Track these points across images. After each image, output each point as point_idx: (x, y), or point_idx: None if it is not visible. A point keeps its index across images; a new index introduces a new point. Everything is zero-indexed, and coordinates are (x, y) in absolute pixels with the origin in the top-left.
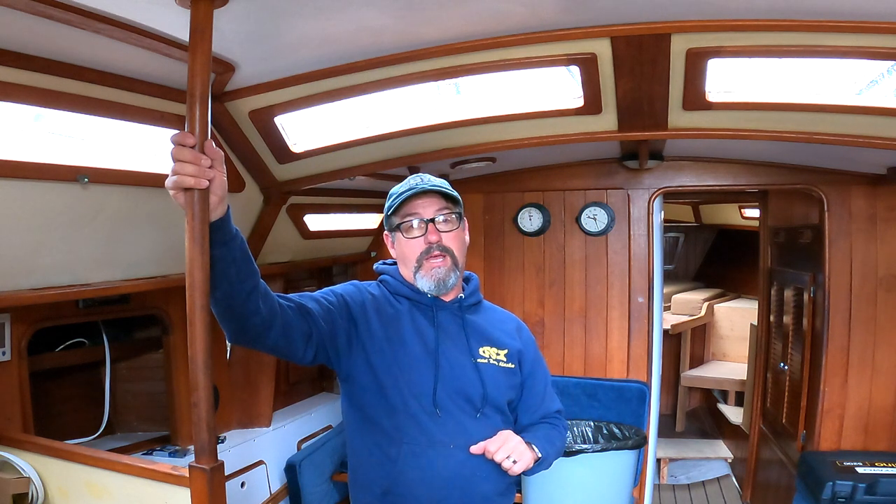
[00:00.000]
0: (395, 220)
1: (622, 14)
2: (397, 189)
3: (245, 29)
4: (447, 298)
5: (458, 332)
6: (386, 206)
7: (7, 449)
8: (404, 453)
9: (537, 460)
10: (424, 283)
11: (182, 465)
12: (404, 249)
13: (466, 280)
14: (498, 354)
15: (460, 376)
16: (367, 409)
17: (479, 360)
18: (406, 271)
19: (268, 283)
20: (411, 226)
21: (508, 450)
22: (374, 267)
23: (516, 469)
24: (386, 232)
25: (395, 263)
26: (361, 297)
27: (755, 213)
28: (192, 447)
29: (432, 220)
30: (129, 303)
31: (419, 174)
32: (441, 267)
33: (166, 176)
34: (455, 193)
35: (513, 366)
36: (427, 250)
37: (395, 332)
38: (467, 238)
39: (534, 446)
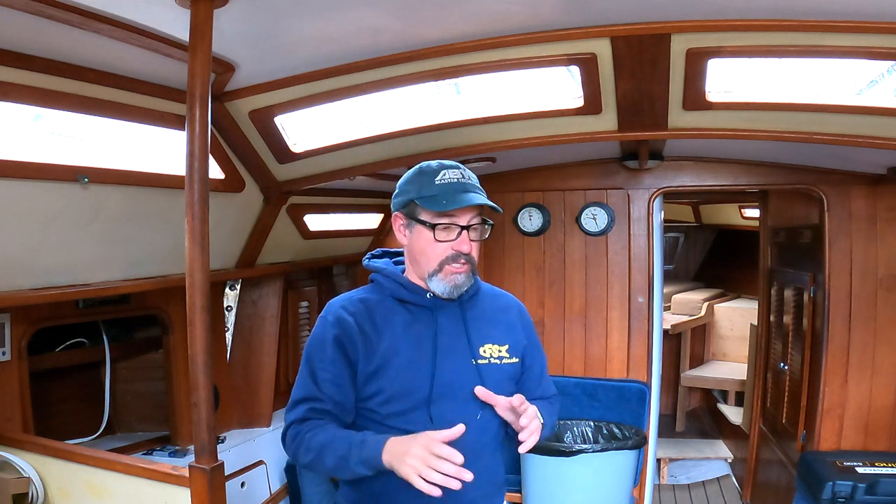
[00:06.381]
0: (425, 216)
1: (622, 14)
2: (431, 171)
3: (245, 29)
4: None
5: (458, 331)
6: (411, 187)
7: (7, 449)
8: None
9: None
10: (440, 287)
11: (182, 465)
12: (426, 248)
13: None
14: (500, 351)
15: (458, 380)
16: (357, 425)
17: (479, 362)
18: (418, 269)
19: (268, 283)
20: (445, 229)
21: (532, 414)
22: (365, 263)
23: (531, 441)
24: (399, 213)
25: (383, 255)
26: (348, 334)
27: (755, 213)
28: (192, 447)
29: (467, 228)
30: (129, 303)
31: (458, 167)
32: (461, 274)
33: (166, 176)
34: (495, 205)
35: (516, 360)
36: (454, 257)
37: (388, 345)
38: None
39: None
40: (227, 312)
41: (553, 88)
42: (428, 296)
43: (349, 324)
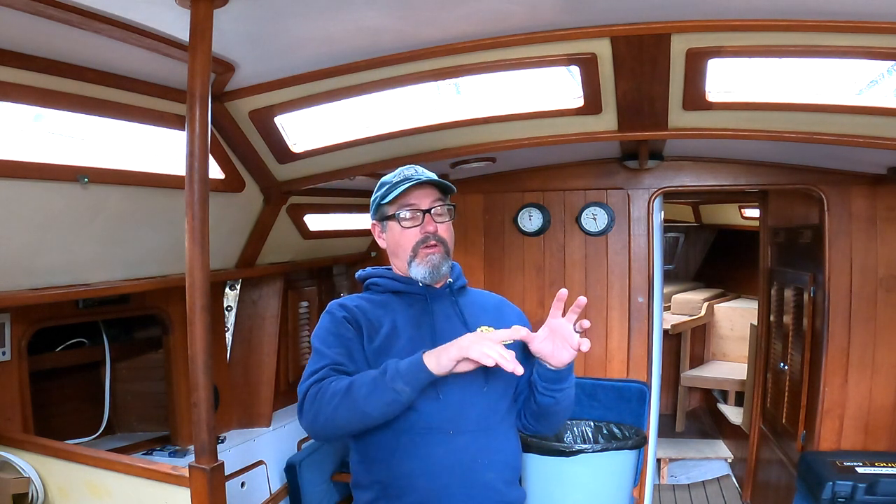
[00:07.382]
0: (390, 210)
1: (622, 14)
2: (390, 179)
3: (245, 29)
4: (438, 285)
5: (453, 314)
6: (378, 194)
7: (7, 449)
8: (402, 444)
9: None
10: (419, 272)
11: (182, 465)
12: (399, 239)
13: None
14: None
15: None
16: None
17: None
18: (399, 262)
19: (268, 283)
20: (408, 216)
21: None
22: (357, 275)
23: (585, 345)
24: (374, 221)
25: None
26: (353, 316)
27: (755, 213)
28: (192, 447)
29: (429, 211)
30: (129, 303)
31: (412, 165)
32: (435, 254)
33: (166, 176)
34: (449, 184)
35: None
36: (424, 240)
37: (389, 327)
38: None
39: None
40: (227, 312)
41: (553, 88)
42: (420, 284)
43: (353, 310)
